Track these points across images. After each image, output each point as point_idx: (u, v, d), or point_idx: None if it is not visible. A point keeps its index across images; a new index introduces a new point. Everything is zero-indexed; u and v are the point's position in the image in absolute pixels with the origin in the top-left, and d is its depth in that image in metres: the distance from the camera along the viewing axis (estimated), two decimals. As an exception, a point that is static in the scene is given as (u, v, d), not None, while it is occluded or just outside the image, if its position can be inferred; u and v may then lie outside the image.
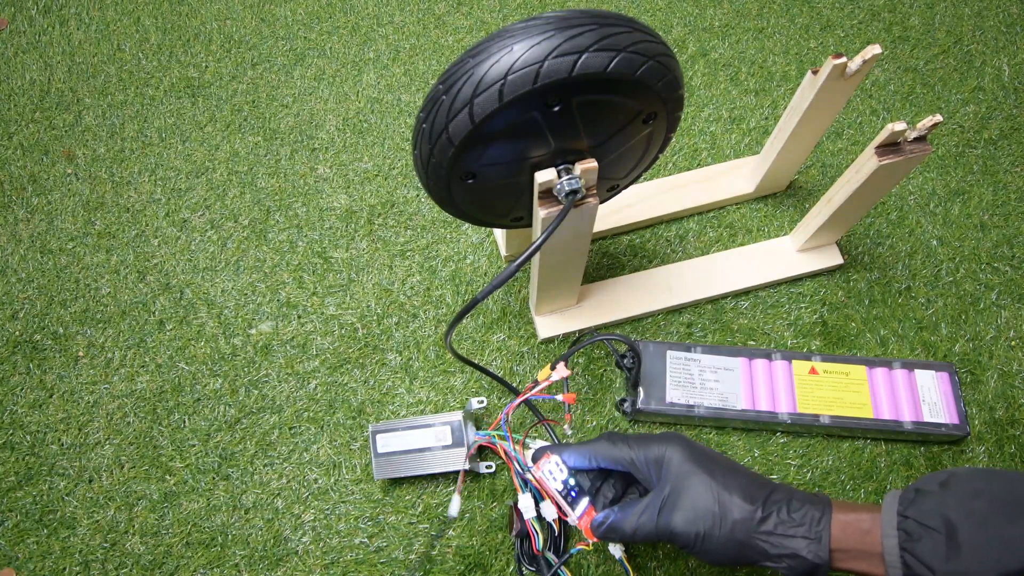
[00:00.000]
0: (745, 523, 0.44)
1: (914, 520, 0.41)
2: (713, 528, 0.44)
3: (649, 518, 0.46)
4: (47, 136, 0.84)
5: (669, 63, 0.47)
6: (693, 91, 0.85)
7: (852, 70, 0.56)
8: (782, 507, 0.44)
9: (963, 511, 0.40)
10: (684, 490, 0.45)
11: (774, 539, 0.43)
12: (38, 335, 0.71)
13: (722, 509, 0.44)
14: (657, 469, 0.47)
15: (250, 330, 0.71)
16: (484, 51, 0.43)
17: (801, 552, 0.43)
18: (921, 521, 0.40)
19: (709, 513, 0.44)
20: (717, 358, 0.65)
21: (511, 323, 0.70)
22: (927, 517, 0.40)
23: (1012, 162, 0.80)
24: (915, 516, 0.41)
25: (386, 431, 0.61)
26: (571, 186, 0.48)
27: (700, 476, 0.45)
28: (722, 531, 0.44)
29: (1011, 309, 0.71)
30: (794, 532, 0.43)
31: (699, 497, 0.45)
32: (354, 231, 0.76)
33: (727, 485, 0.45)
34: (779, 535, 0.43)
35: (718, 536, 0.44)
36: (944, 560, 0.39)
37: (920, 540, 0.40)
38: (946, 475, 0.43)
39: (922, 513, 0.41)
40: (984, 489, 0.40)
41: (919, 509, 0.41)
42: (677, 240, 0.75)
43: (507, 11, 0.92)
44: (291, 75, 0.88)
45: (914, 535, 0.40)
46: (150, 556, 0.61)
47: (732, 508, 0.44)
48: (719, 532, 0.44)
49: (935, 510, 0.40)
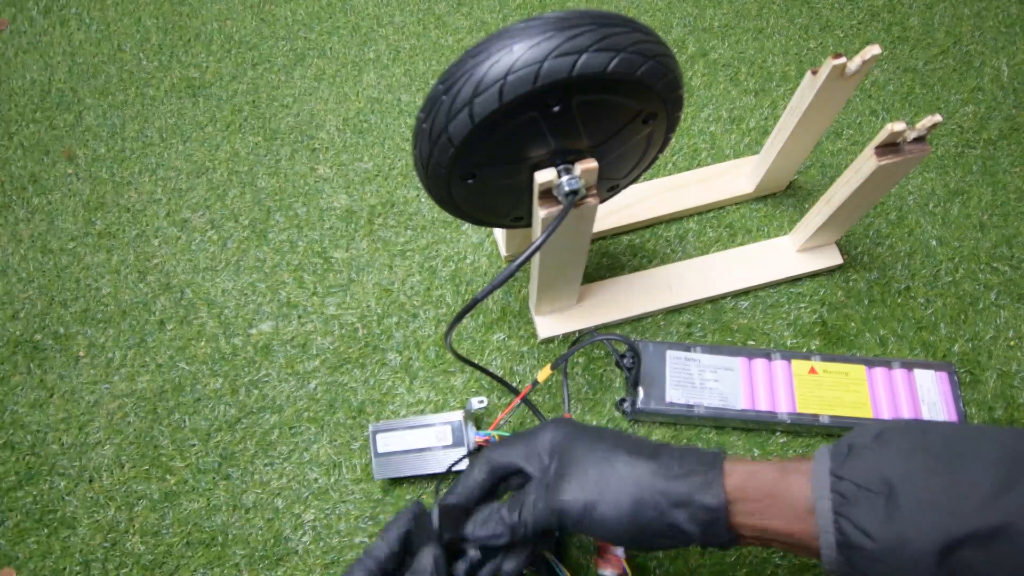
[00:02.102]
0: (635, 479, 0.40)
1: (850, 481, 0.37)
2: (603, 491, 0.40)
3: (539, 500, 0.42)
4: (48, 136, 0.84)
5: (669, 63, 0.47)
6: (693, 91, 0.85)
7: (852, 70, 0.56)
8: (672, 459, 0.41)
9: (901, 469, 0.36)
10: (569, 462, 0.42)
11: (668, 489, 0.40)
12: (39, 335, 0.72)
13: (609, 468, 0.41)
14: (548, 456, 0.44)
15: (250, 330, 0.71)
16: (484, 51, 0.43)
17: (695, 496, 0.39)
18: (857, 482, 0.36)
19: (596, 475, 0.41)
20: (717, 358, 0.65)
21: (511, 323, 0.71)
22: (863, 477, 0.36)
23: (1011, 162, 0.80)
24: (850, 476, 0.37)
25: (386, 431, 0.61)
26: (571, 186, 0.49)
27: (584, 444, 0.43)
28: (611, 492, 0.40)
29: (1010, 309, 0.71)
30: (687, 477, 0.40)
31: (584, 462, 0.42)
32: (354, 231, 0.76)
33: (614, 446, 0.42)
34: (672, 481, 0.40)
35: (608, 499, 0.40)
36: (882, 524, 0.35)
37: (857, 503, 0.36)
38: (878, 428, 0.39)
39: (857, 472, 0.37)
40: (922, 443, 0.37)
41: (854, 468, 0.37)
42: (677, 240, 0.75)
43: (507, 11, 0.92)
44: (291, 75, 0.88)
45: (850, 497, 0.36)
46: (150, 556, 0.61)
47: (618, 465, 0.41)
48: (608, 495, 0.40)
49: (872, 468, 0.36)
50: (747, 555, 0.60)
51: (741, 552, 0.60)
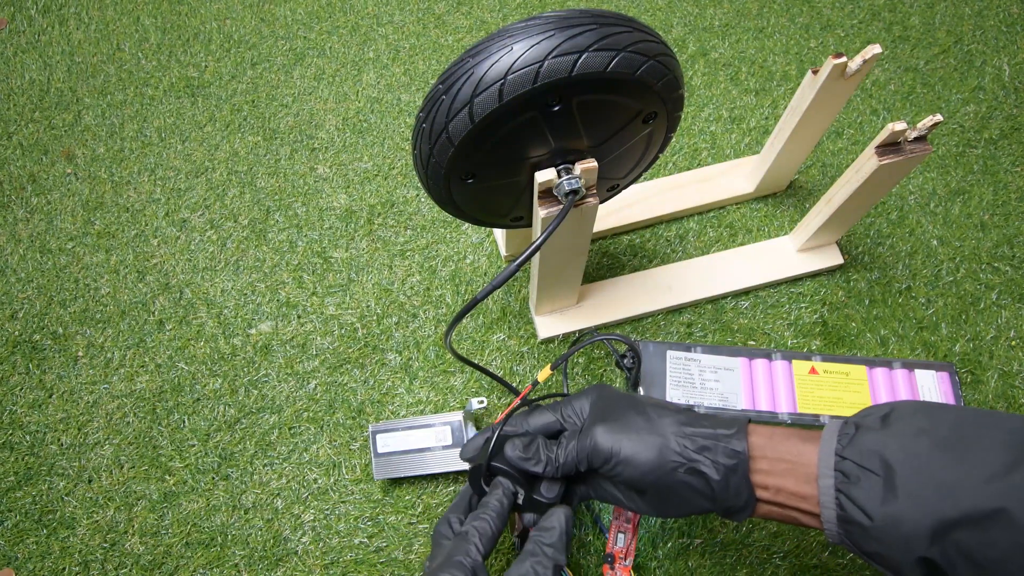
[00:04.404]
0: (662, 427, 0.44)
1: (852, 461, 0.39)
2: (631, 435, 0.44)
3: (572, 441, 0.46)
4: (46, 136, 0.84)
5: (669, 63, 0.47)
6: (693, 91, 0.85)
7: (852, 70, 0.56)
8: (698, 415, 0.45)
9: (903, 452, 0.37)
10: (602, 412, 0.46)
11: (695, 434, 0.43)
12: (37, 335, 0.71)
13: (639, 416, 0.45)
14: (584, 414, 0.48)
15: (250, 330, 0.71)
16: (484, 51, 0.43)
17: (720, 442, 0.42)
18: (859, 462, 0.38)
19: (626, 422, 0.44)
20: (717, 358, 0.65)
21: (511, 323, 0.70)
22: (865, 457, 0.38)
23: (1012, 162, 0.80)
24: (853, 457, 0.39)
25: (386, 431, 0.61)
26: (571, 186, 0.48)
27: (616, 399, 0.47)
28: (638, 436, 0.43)
29: (1011, 309, 0.71)
30: (713, 427, 0.43)
31: (616, 411, 0.45)
32: (354, 231, 0.76)
33: (644, 402, 0.46)
34: (699, 428, 0.43)
35: (635, 441, 0.43)
36: (880, 503, 0.37)
37: (857, 482, 0.38)
38: (888, 408, 0.40)
39: (860, 453, 0.39)
40: (927, 428, 0.38)
41: (857, 448, 0.39)
42: (677, 240, 0.75)
43: (507, 11, 0.92)
44: (291, 75, 0.87)
45: (851, 476, 0.38)
46: (150, 556, 0.61)
47: (648, 414, 0.45)
48: (636, 437, 0.43)
49: (874, 450, 0.38)
50: (747, 555, 0.60)
51: (741, 552, 0.60)
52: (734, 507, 0.43)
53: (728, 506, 0.43)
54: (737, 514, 0.43)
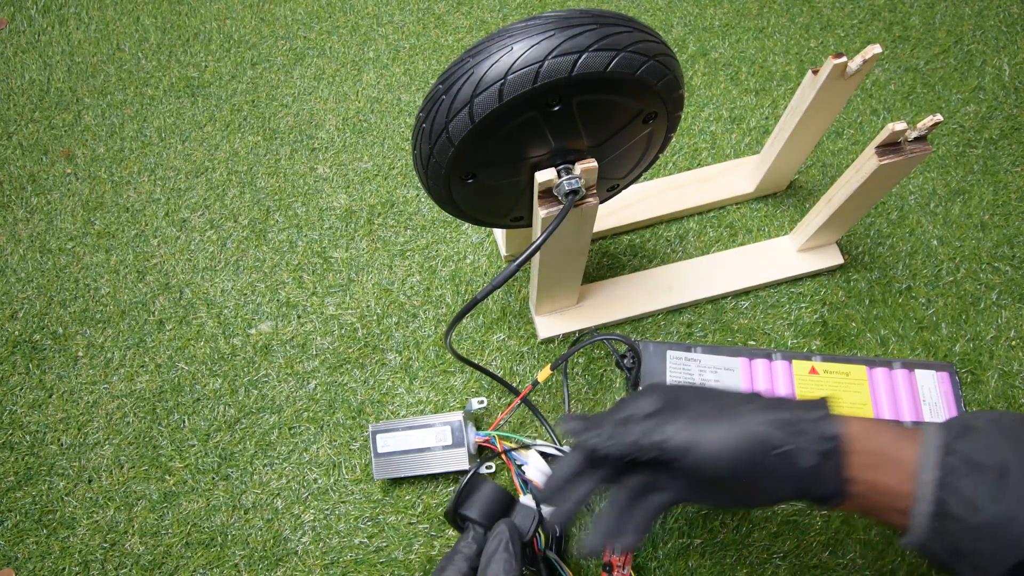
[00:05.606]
0: (745, 411, 0.40)
1: (961, 455, 0.37)
2: (714, 426, 0.39)
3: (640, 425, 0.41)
4: (46, 136, 0.84)
5: (669, 63, 0.47)
6: (693, 91, 0.85)
7: (852, 70, 0.56)
8: (782, 400, 0.41)
9: (1017, 453, 0.36)
10: (678, 402, 0.41)
11: (782, 418, 0.39)
12: (37, 335, 0.71)
13: (715, 404, 0.40)
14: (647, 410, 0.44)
15: (250, 330, 0.71)
16: (484, 51, 0.43)
17: (812, 427, 0.38)
18: (970, 457, 0.37)
19: (704, 411, 0.40)
20: (717, 358, 0.65)
21: (511, 323, 0.70)
22: (977, 454, 0.37)
23: (1012, 162, 0.80)
24: (963, 451, 0.37)
25: (386, 431, 0.61)
26: (571, 186, 0.48)
27: (689, 390, 0.43)
28: (721, 427, 0.39)
29: (1011, 309, 0.71)
30: (805, 410, 0.39)
31: (691, 401, 0.41)
32: (354, 231, 0.76)
33: (721, 390, 0.43)
34: (787, 412, 0.39)
35: (717, 432, 0.39)
36: (990, 500, 0.35)
37: (966, 476, 0.36)
38: (996, 414, 0.39)
39: (971, 449, 0.37)
40: None
41: (968, 444, 0.37)
42: (677, 240, 0.75)
43: (507, 11, 0.92)
44: (291, 75, 0.87)
45: (959, 471, 0.37)
46: (150, 556, 0.61)
47: (726, 399, 0.41)
48: (718, 430, 0.39)
49: (986, 448, 0.37)
50: (747, 555, 0.60)
51: (741, 552, 0.60)
52: (824, 494, 0.40)
53: (819, 493, 0.40)
54: (827, 502, 0.41)
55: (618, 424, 0.42)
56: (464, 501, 0.51)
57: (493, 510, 0.51)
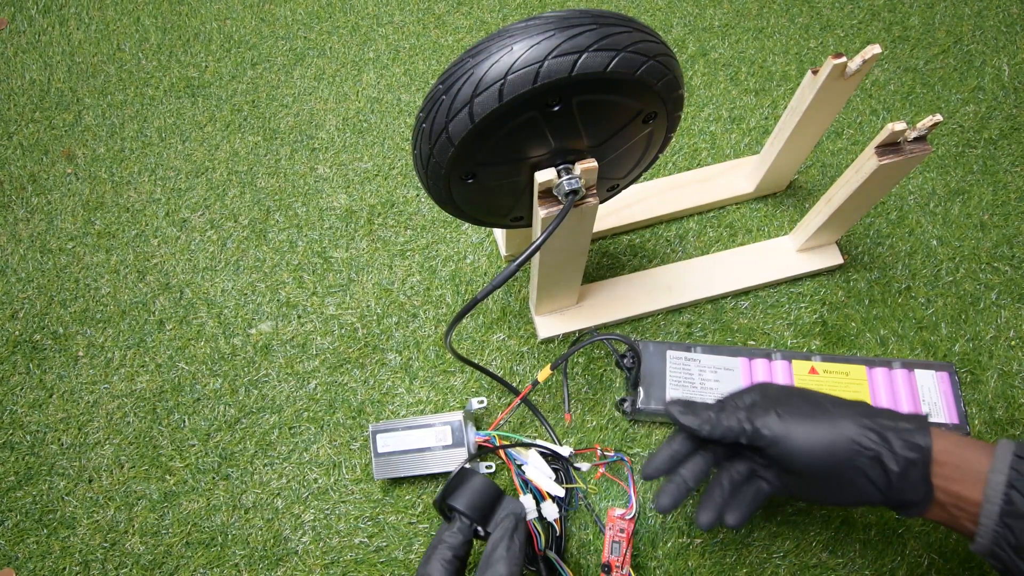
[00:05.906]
0: (841, 414, 0.43)
1: None
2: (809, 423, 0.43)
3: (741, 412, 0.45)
4: (47, 136, 0.84)
5: (669, 63, 0.47)
6: (693, 91, 0.85)
7: (852, 70, 0.56)
8: (879, 409, 0.44)
9: None
10: (778, 400, 0.45)
11: (875, 426, 0.42)
12: (38, 335, 0.71)
13: (814, 404, 0.44)
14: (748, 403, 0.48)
15: (250, 330, 0.71)
16: (484, 51, 0.43)
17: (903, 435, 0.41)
18: None
19: (803, 409, 0.44)
20: (717, 358, 0.65)
21: (511, 323, 0.70)
22: None
23: (1012, 162, 0.80)
24: None
25: (386, 431, 0.61)
26: (571, 186, 0.48)
27: (791, 390, 0.46)
28: (816, 425, 0.43)
29: (1011, 309, 0.71)
30: (895, 421, 0.42)
31: (792, 399, 0.45)
32: (354, 231, 0.76)
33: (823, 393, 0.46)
34: (881, 422, 0.42)
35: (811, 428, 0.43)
36: None
37: None
38: None
39: None
40: None
41: None
42: (677, 240, 0.75)
43: (507, 11, 0.92)
44: (291, 75, 0.88)
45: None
46: (150, 556, 0.61)
47: (825, 402, 0.44)
48: (813, 427, 0.43)
49: None
50: (747, 555, 0.60)
51: (741, 552, 0.60)
52: (908, 502, 0.42)
53: (902, 500, 0.42)
54: (909, 508, 0.43)
55: (719, 410, 0.46)
56: (452, 492, 0.52)
57: (480, 503, 0.52)
